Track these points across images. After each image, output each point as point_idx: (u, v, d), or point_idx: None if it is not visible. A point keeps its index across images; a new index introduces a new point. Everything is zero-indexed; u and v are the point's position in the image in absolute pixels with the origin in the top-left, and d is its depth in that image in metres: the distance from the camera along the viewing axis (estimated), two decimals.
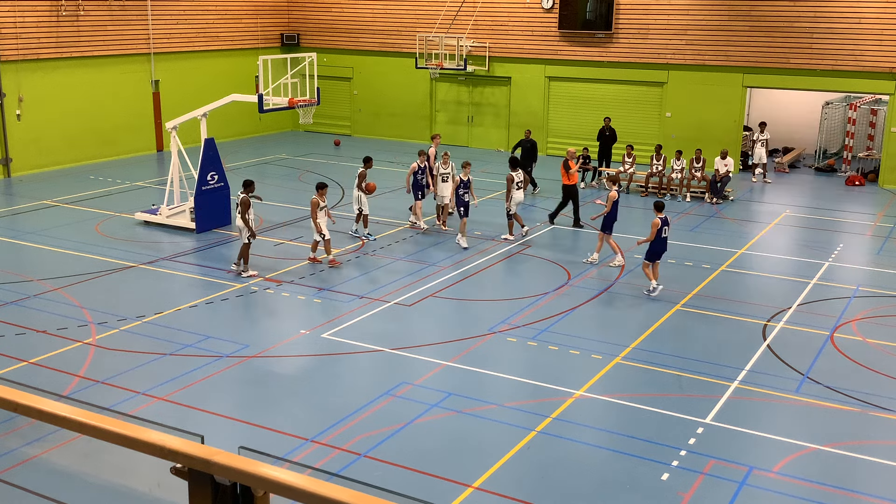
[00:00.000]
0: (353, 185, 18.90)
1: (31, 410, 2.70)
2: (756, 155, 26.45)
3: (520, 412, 11.13)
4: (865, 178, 26.42)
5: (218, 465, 2.39)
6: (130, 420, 2.63)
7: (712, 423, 10.87)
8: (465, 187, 18.45)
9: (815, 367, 12.63)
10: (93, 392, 11.35)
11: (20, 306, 14.55)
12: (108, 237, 18.82)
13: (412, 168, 19.53)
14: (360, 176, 18.68)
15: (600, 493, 9.29)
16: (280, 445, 9.98)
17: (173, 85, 29.39)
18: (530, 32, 29.58)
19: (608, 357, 12.85)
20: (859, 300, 15.68)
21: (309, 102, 19.30)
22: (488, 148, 31.07)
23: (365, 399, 11.32)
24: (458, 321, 14.36)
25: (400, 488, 9.08)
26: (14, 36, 24.76)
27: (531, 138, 23.98)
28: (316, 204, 16.58)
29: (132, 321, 13.94)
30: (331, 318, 14.20)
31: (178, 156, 19.81)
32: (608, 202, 16.96)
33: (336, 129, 33.72)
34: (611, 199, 16.94)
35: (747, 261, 18.01)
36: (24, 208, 21.60)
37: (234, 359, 12.55)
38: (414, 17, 31.31)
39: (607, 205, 16.96)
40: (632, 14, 27.88)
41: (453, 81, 31.60)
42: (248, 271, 16.17)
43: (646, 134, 28.06)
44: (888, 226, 21.22)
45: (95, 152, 27.42)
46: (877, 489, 9.50)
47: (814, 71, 25.85)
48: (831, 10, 25.31)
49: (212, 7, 30.68)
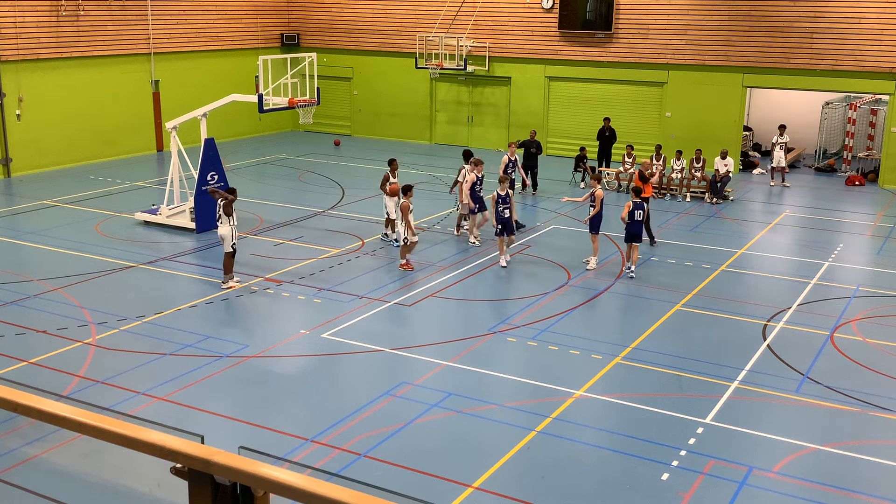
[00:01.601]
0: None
1: (31, 410, 2.70)
2: (775, 158, 25.77)
3: (520, 412, 11.13)
4: (865, 178, 26.42)
5: (218, 465, 2.39)
6: (130, 420, 2.63)
7: (712, 423, 10.87)
8: (480, 183, 18.34)
9: (815, 367, 12.63)
10: (93, 392, 11.35)
11: (20, 306, 14.55)
12: (108, 237, 18.82)
13: (470, 180, 18.28)
14: (383, 178, 18.51)
15: (600, 493, 9.29)
16: (280, 445, 9.98)
17: (173, 85, 29.39)
18: (530, 32, 29.58)
19: (608, 357, 12.85)
20: (859, 300, 15.68)
21: (309, 102, 19.30)
22: (488, 148, 31.03)
23: (365, 399, 11.32)
24: (458, 321, 14.36)
25: (400, 488, 9.08)
26: (14, 36, 24.76)
27: (536, 139, 24.00)
28: (406, 207, 16.46)
29: (132, 321, 13.94)
30: (331, 318, 14.19)
31: (178, 156, 19.81)
32: (597, 201, 16.88)
33: (336, 129, 33.73)
34: (598, 198, 16.89)
35: (747, 261, 18.01)
36: (24, 208, 21.61)
37: (234, 359, 12.55)
38: (414, 17, 31.31)
39: (596, 204, 16.88)
40: (632, 14, 27.88)
41: (453, 81, 31.60)
42: (228, 282, 15.58)
43: (646, 134, 28.06)
44: (888, 226, 21.22)
45: (95, 152, 27.42)
46: (877, 489, 9.50)
47: (814, 71, 25.85)
48: (831, 10, 25.31)
49: (212, 7, 30.68)
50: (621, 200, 19.14)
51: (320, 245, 18.35)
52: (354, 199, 22.77)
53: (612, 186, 24.51)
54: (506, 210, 16.88)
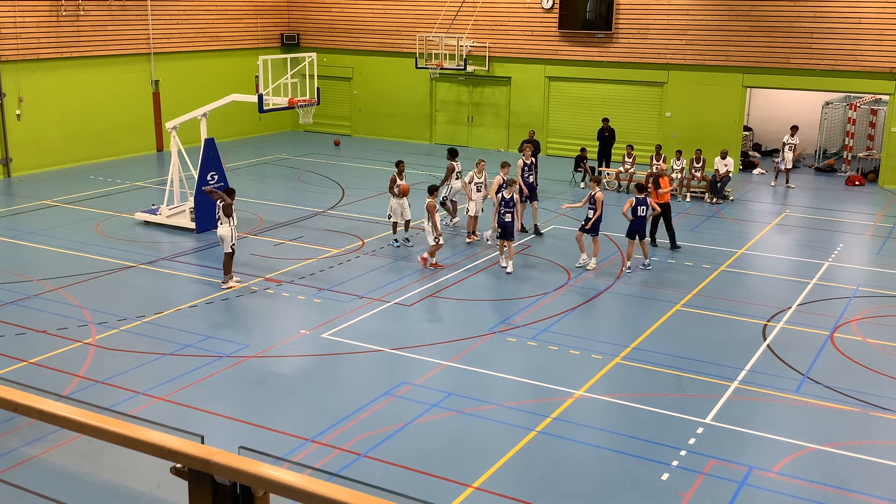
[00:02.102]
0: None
1: (31, 410, 2.70)
2: (786, 160, 25.40)
3: (520, 412, 11.13)
4: (865, 178, 26.42)
5: (218, 465, 2.39)
6: (130, 420, 2.63)
7: (712, 423, 10.87)
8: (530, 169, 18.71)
9: (815, 367, 12.63)
10: (93, 392, 11.35)
11: (20, 306, 14.55)
12: (108, 237, 18.82)
13: (496, 181, 17.89)
14: (391, 181, 18.32)
15: (600, 493, 9.29)
16: (280, 445, 9.98)
17: (173, 85, 29.39)
18: (530, 32, 29.58)
19: (608, 357, 12.84)
20: (859, 300, 15.68)
21: (309, 102, 19.30)
22: (488, 148, 31.06)
23: (365, 399, 11.32)
24: (458, 321, 14.36)
25: (400, 488, 9.08)
26: (14, 36, 24.76)
27: (535, 139, 24.00)
28: (433, 207, 16.51)
29: (132, 321, 13.94)
30: (331, 318, 14.19)
31: (178, 156, 19.81)
32: (597, 204, 16.83)
33: (336, 129, 33.72)
34: (599, 200, 16.84)
35: (747, 261, 18.01)
36: (24, 208, 21.60)
37: (234, 359, 12.55)
38: (414, 17, 31.31)
39: (597, 207, 16.82)
40: (632, 14, 27.88)
41: (453, 81, 31.60)
42: (228, 283, 15.61)
43: (646, 134, 28.06)
44: (888, 226, 21.22)
45: (95, 152, 27.42)
46: (877, 489, 9.50)
47: (814, 71, 25.85)
48: (831, 10, 25.31)
49: (212, 7, 30.68)
50: (621, 200, 19.15)
51: (320, 245, 18.35)
52: (354, 199, 22.77)
53: (612, 187, 24.51)
54: (507, 214, 16.75)
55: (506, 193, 16.95)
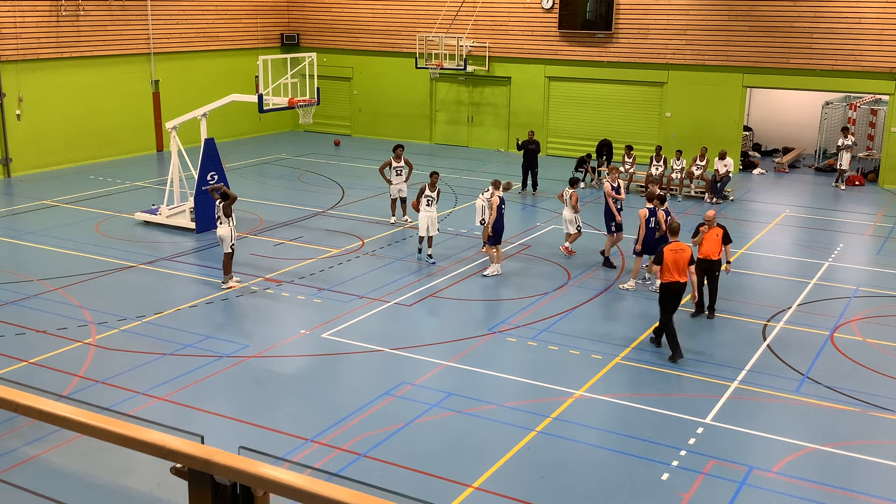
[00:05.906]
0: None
1: (31, 410, 2.70)
2: (844, 161, 25.13)
3: (520, 412, 11.13)
4: (865, 178, 26.42)
5: (218, 465, 2.39)
6: (130, 420, 2.63)
7: (712, 423, 10.87)
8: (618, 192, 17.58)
9: (815, 367, 12.63)
10: (93, 392, 11.35)
11: (20, 306, 14.55)
12: (108, 237, 18.82)
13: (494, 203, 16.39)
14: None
15: (600, 493, 9.29)
16: (280, 445, 9.98)
17: (173, 85, 29.39)
18: (530, 32, 29.58)
19: (608, 357, 12.85)
20: (859, 300, 15.68)
21: (309, 102, 19.31)
22: (488, 148, 31.07)
23: (365, 399, 11.32)
24: (458, 321, 14.36)
25: (400, 488, 9.08)
26: (14, 36, 24.75)
27: (535, 139, 23.99)
28: (576, 197, 17.50)
29: (132, 321, 13.94)
30: (331, 318, 14.19)
31: (178, 156, 19.81)
32: (608, 198, 17.36)
33: (336, 129, 33.72)
34: (608, 192, 17.43)
35: (747, 261, 18.00)
36: (24, 208, 21.60)
37: (234, 359, 12.55)
38: (414, 17, 31.31)
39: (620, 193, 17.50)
40: (632, 14, 27.88)
41: (453, 81, 31.60)
42: (228, 283, 15.59)
43: (646, 134, 28.07)
44: (888, 226, 21.22)
45: (95, 152, 27.41)
46: (877, 489, 9.50)
47: (814, 71, 25.85)
48: (831, 10, 25.31)
49: (212, 7, 30.68)
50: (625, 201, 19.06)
51: (320, 245, 18.35)
52: (354, 199, 22.77)
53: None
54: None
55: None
